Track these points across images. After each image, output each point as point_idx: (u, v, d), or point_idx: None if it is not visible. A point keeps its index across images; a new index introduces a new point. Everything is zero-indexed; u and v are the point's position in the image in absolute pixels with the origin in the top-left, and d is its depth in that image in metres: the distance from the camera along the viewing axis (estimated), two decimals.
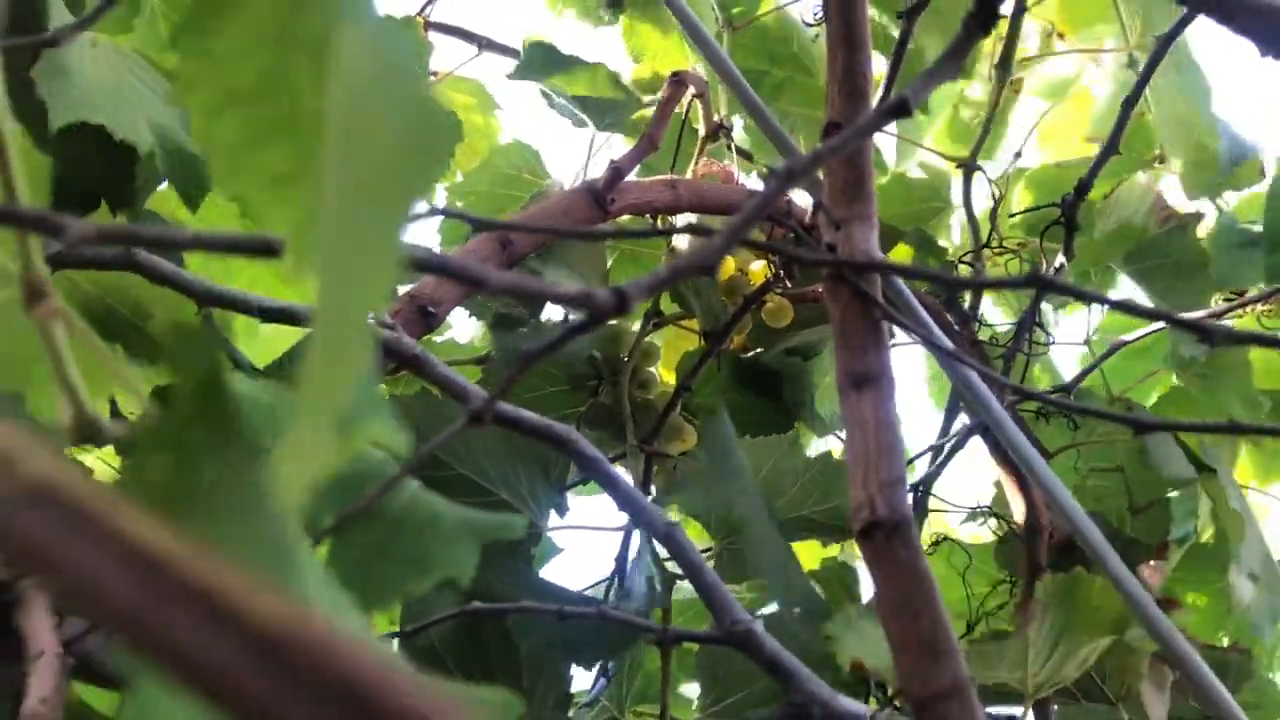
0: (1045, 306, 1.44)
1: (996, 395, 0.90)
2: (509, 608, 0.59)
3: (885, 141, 1.47)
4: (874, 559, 0.49)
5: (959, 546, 1.31)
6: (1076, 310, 1.35)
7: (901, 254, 1.11)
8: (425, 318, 0.63)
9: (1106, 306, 0.88)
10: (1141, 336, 0.97)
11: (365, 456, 0.39)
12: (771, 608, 0.87)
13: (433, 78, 1.10)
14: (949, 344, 0.57)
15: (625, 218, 0.82)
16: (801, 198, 0.96)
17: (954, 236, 1.39)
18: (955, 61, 0.44)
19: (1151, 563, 0.83)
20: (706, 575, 0.58)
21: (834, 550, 1.04)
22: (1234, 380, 1.06)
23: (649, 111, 0.90)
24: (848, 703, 0.55)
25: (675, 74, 0.88)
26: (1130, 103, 0.81)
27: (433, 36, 1.12)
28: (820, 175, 0.58)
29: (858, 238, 0.55)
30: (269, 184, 0.27)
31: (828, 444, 1.31)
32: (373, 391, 0.29)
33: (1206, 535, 1.10)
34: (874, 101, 0.78)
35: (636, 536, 0.83)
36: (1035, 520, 0.86)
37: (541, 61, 0.93)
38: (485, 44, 1.10)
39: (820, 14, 0.76)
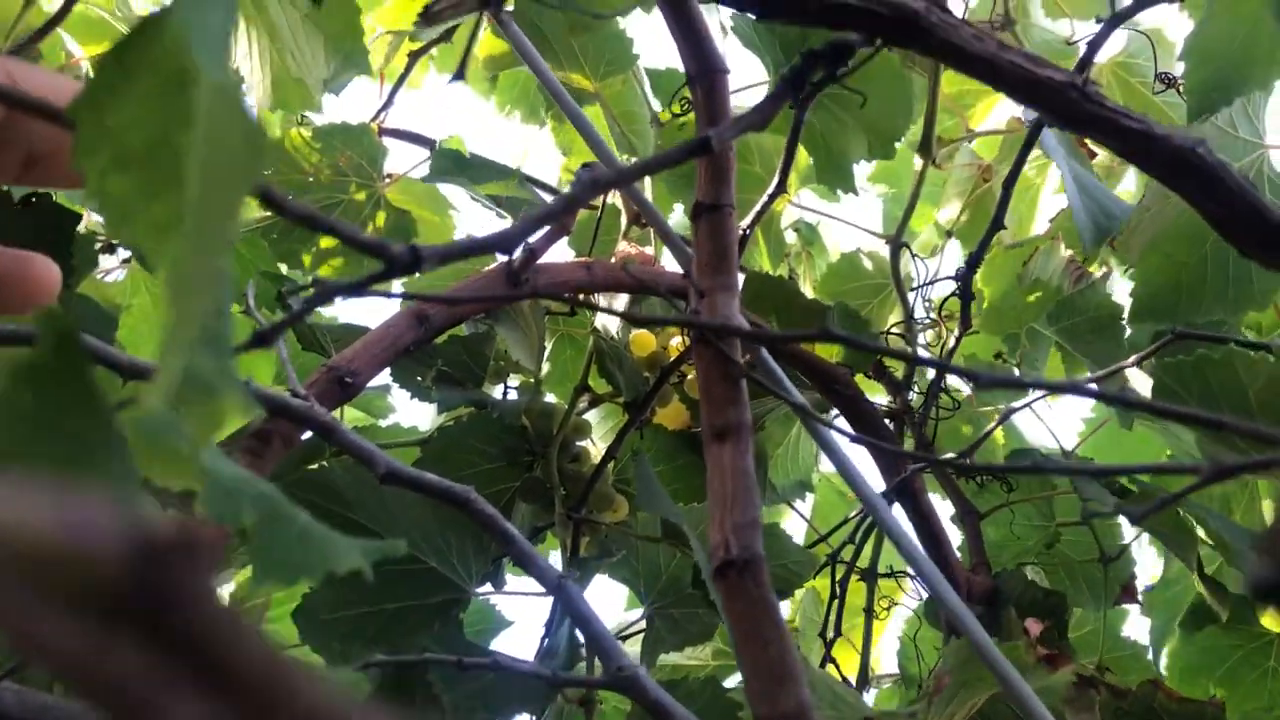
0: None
1: (888, 461, 0.94)
2: (414, 659, 0.63)
3: (830, 226, 1.55)
4: (727, 594, 0.53)
5: (915, 613, 1.34)
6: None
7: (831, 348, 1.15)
8: (343, 388, 0.68)
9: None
10: (1030, 402, 1.01)
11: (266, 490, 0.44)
12: None
13: (386, 180, 1.18)
14: (804, 403, 0.62)
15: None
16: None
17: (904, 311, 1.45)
18: (763, 115, 0.50)
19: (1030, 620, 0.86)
20: (594, 625, 0.62)
21: None
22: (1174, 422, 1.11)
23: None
24: None
25: (585, 165, 0.95)
26: (1009, 182, 0.87)
27: (387, 142, 1.19)
28: (692, 252, 0.64)
29: (720, 305, 0.61)
30: (154, 232, 0.33)
31: (778, 512, 1.35)
32: (228, 373, 0.34)
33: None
34: (771, 186, 0.84)
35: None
36: (952, 578, 0.89)
37: (450, 165, 1.00)
38: (435, 148, 1.17)
39: (687, 108, 0.83)
